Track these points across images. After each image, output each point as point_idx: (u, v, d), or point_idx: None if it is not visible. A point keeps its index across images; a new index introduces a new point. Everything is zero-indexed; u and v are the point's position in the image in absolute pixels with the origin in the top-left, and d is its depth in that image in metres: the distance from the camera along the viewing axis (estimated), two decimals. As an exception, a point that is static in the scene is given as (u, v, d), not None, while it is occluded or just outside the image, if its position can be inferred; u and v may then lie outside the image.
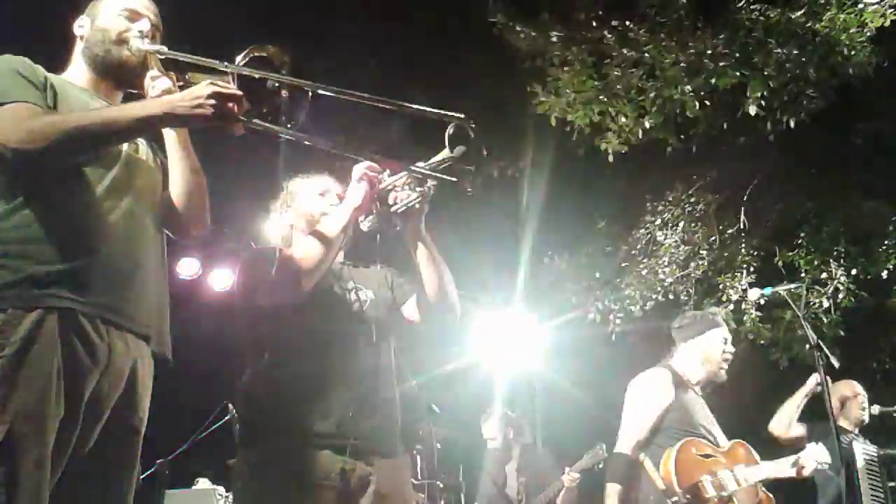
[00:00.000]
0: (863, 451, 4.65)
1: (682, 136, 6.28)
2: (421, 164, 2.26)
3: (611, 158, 6.18)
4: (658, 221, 6.62)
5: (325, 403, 2.32)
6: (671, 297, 6.65)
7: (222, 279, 6.57)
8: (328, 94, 1.97)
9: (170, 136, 2.15)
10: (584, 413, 6.48)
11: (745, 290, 6.42)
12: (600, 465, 5.83)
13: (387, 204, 2.40)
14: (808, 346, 4.09)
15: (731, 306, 6.55)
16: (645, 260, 6.63)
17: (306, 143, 1.99)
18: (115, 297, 1.92)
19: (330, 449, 2.27)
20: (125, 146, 2.04)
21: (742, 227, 6.68)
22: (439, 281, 2.50)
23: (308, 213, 2.60)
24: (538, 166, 6.61)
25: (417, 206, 2.37)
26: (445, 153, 2.16)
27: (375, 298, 2.58)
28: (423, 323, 2.61)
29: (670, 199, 6.62)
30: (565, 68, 5.96)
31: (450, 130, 2.13)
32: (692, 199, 6.64)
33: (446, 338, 7.20)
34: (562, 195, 6.94)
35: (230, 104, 1.86)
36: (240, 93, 1.89)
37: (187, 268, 6.29)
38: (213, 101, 1.85)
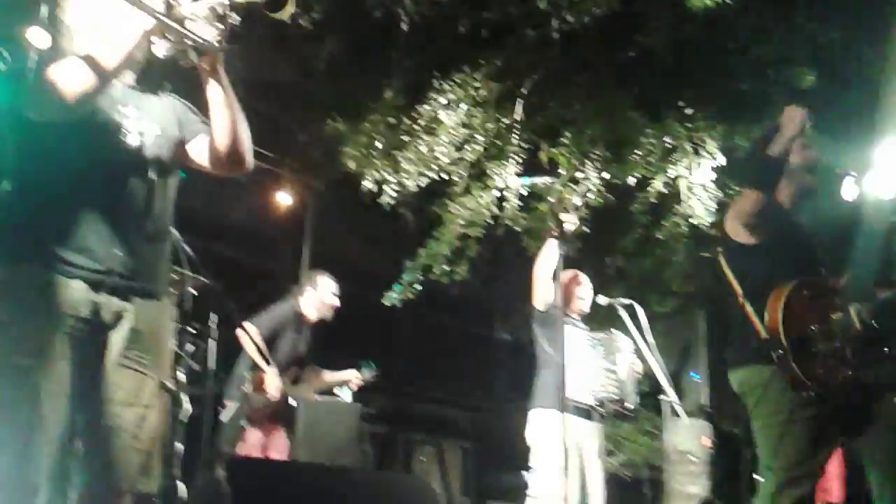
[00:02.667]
0: (576, 333, 5.14)
1: (475, 20, 6.35)
2: None
3: (405, 27, 6.11)
4: (443, 101, 6.71)
5: (84, 235, 2.21)
6: (444, 176, 6.86)
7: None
8: None
9: None
10: (349, 282, 6.59)
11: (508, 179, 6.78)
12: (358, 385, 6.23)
13: (179, 35, 2.19)
14: (554, 237, 4.55)
15: (497, 193, 6.89)
16: (425, 136, 6.74)
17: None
18: None
19: (83, 280, 2.19)
20: None
21: (517, 118, 6.96)
22: (232, 127, 2.39)
23: (93, 20, 2.32)
24: (332, 23, 6.39)
25: (215, 43, 2.19)
26: None
27: (160, 133, 2.42)
28: (209, 168, 2.51)
29: (457, 80, 6.70)
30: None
31: None
32: (476, 84, 6.77)
33: (221, 188, 6.96)
34: (352, 57, 6.80)
35: None
36: None
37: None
38: None
